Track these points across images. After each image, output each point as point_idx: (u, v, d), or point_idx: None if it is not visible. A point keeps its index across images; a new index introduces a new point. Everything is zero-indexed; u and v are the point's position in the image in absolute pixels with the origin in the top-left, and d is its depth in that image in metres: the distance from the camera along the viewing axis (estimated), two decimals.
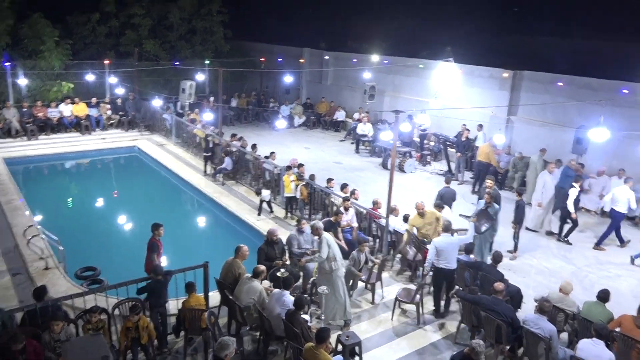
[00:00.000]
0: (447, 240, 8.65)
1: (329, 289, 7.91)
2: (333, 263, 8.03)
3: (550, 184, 12.09)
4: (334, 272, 8.06)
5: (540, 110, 16.00)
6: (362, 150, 19.11)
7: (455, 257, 8.63)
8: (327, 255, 7.98)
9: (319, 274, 8.26)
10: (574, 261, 10.98)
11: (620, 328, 7.05)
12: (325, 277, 8.09)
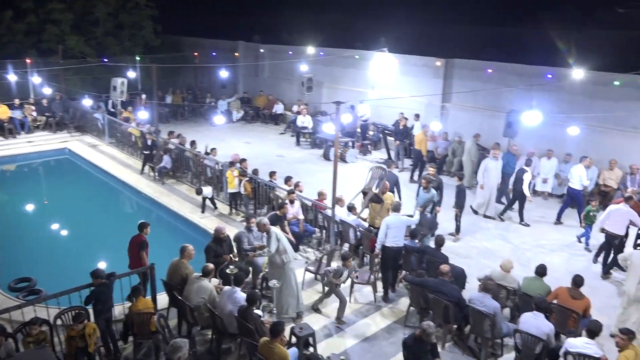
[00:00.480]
0: (397, 219, 8.97)
1: (281, 282, 7.90)
2: (284, 256, 8.02)
3: (494, 170, 12.35)
4: (286, 264, 8.06)
5: (472, 96, 16.57)
6: (303, 143, 19.13)
7: (402, 236, 8.90)
8: (276, 248, 7.95)
9: (270, 268, 8.22)
10: (512, 240, 11.51)
11: (557, 300, 7.48)
12: (277, 271, 8.07)
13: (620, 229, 9.61)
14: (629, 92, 13.68)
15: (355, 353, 7.57)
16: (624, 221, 9.58)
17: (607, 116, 13.39)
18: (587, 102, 14.15)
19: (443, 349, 7.64)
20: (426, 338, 6.25)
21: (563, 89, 14.44)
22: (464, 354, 7.61)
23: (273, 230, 8.13)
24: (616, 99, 13.88)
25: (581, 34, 23.18)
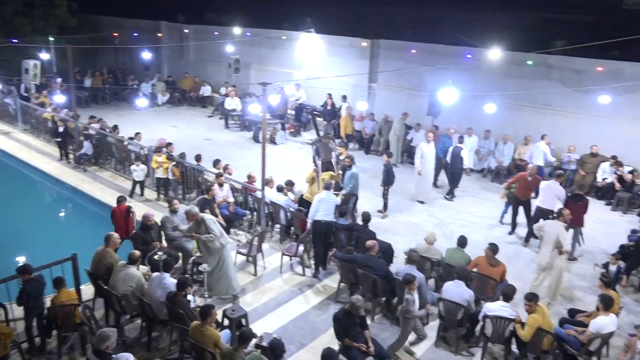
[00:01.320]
0: (327, 195, 9.30)
1: (219, 264, 7.97)
2: (222, 239, 8.04)
3: (430, 154, 12.29)
4: (225, 247, 8.09)
5: (398, 76, 16.98)
6: (231, 125, 18.88)
7: (332, 212, 9.14)
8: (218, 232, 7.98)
9: (205, 251, 8.12)
10: (436, 214, 12.02)
11: (477, 268, 7.93)
12: (217, 254, 8.05)
13: (551, 204, 9.95)
14: (541, 71, 14.53)
15: (288, 331, 7.69)
16: (554, 197, 10.00)
17: (522, 94, 14.18)
18: (504, 80, 14.90)
19: (373, 321, 7.92)
20: (355, 311, 6.46)
21: (481, 69, 15.09)
22: (393, 325, 7.91)
23: (205, 217, 8.06)
24: (530, 78, 14.71)
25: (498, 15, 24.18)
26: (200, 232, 7.98)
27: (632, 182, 12.56)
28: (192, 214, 8.06)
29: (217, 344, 5.98)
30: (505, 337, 6.94)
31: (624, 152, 12.85)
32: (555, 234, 8.06)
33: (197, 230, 7.99)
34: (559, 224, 8.23)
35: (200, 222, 7.97)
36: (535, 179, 10.46)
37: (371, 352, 6.53)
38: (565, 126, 14.02)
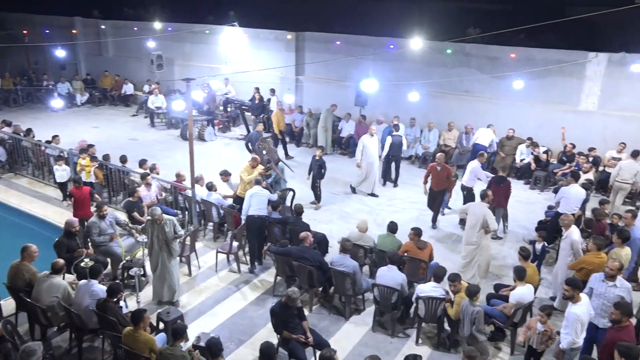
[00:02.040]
0: (259, 189, 9.27)
1: (165, 267, 7.89)
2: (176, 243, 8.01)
3: (372, 147, 12.28)
4: (176, 252, 8.06)
5: (325, 68, 17.12)
6: (157, 124, 18.33)
7: (265, 207, 9.10)
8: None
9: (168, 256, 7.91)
10: (368, 202, 12.26)
11: (408, 252, 8.17)
12: (171, 259, 7.92)
13: (471, 183, 10.78)
14: (460, 59, 15.12)
15: (226, 328, 7.61)
16: (474, 176, 10.71)
17: (443, 82, 14.71)
18: (426, 69, 15.37)
19: (311, 312, 8.00)
20: (292, 303, 6.49)
21: (404, 58, 15.50)
22: (331, 314, 8.03)
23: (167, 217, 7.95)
24: (450, 66, 15.27)
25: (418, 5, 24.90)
26: (168, 234, 7.77)
27: (547, 162, 13.39)
28: (157, 217, 7.78)
29: (153, 349, 5.83)
30: (438, 317, 7.21)
31: (538, 133, 13.66)
32: (481, 215, 8.44)
33: (160, 232, 7.77)
34: (483, 205, 8.63)
35: (168, 223, 7.81)
36: (444, 168, 10.62)
37: (310, 342, 6.59)
38: (484, 111, 14.68)
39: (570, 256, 7.85)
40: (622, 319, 5.66)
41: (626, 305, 5.80)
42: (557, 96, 13.90)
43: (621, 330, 5.65)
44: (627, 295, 6.29)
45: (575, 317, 5.92)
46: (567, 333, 6.00)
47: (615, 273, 6.32)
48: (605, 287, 6.37)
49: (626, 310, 5.69)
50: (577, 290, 6.06)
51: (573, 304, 6.01)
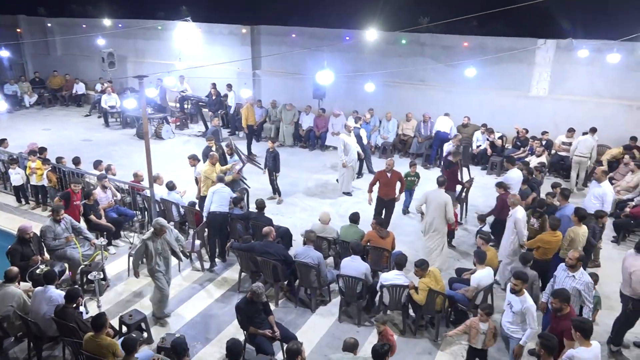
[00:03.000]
0: (221, 186, 9.21)
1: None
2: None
3: (352, 144, 11.95)
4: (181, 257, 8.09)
5: (281, 61, 17.04)
6: (112, 123, 17.87)
7: (227, 204, 9.04)
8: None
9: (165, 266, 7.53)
10: (331, 195, 12.30)
11: (370, 242, 8.25)
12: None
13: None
14: (414, 49, 15.32)
15: (192, 328, 7.51)
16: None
17: (399, 72, 14.87)
18: (382, 60, 15.51)
19: (277, 306, 7.98)
20: (257, 298, 6.45)
21: (360, 50, 15.60)
22: (297, 307, 8.03)
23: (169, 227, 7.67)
24: (405, 56, 15.45)
25: None
26: (170, 242, 7.53)
27: (502, 147, 13.74)
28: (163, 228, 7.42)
29: (115, 353, 5.69)
30: (403, 303, 7.32)
31: (493, 120, 14.00)
32: (442, 202, 8.62)
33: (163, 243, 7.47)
34: (441, 191, 8.79)
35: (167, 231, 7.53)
36: (395, 174, 9.92)
37: (277, 336, 6.58)
38: (440, 100, 14.94)
39: (514, 234, 8.12)
40: (562, 307, 5.65)
41: (562, 292, 5.79)
42: (509, 83, 14.27)
43: (565, 318, 5.63)
44: (585, 290, 6.24)
45: (533, 308, 5.91)
46: (527, 327, 5.92)
47: (574, 263, 6.29)
48: (565, 276, 6.41)
49: (564, 297, 5.67)
50: (526, 284, 6.12)
51: (518, 297, 5.94)
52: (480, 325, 6.11)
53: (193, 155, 10.90)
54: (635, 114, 13.00)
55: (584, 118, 13.13)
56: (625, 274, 6.69)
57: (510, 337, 6.15)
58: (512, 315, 6.04)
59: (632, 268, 6.54)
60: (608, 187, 9.05)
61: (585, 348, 5.14)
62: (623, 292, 6.78)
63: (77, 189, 9.31)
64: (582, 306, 6.36)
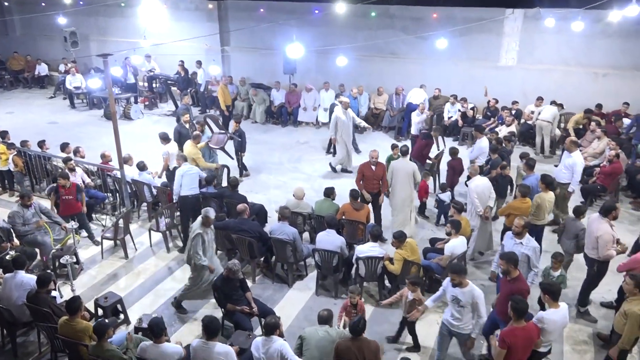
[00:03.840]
0: (189, 168, 8.92)
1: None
2: None
3: (346, 121, 11.62)
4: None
5: (250, 37, 16.73)
6: (78, 105, 17.40)
7: (197, 185, 8.84)
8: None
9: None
10: (305, 170, 12.29)
11: (345, 214, 8.29)
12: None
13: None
14: (384, 21, 15.21)
15: (170, 308, 7.49)
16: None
17: (370, 45, 14.77)
18: (352, 33, 15.38)
19: (254, 282, 8.01)
20: (233, 276, 6.45)
21: (330, 23, 15.40)
22: (274, 283, 8.07)
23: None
24: (375, 29, 15.35)
25: None
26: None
27: (473, 118, 13.88)
28: (210, 218, 7.10)
29: (92, 336, 5.64)
30: (378, 275, 7.42)
31: (463, 91, 14.10)
32: (410, 169, 8.77)
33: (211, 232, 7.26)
34: (406, 160, 8.92)
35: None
36: (380, 166, 9.16)
37: (255, 312, 6.62)
38: (412, 72, 14.95)
39: (471, 205, 8.33)
40: (509, 269, 5.69)
41: (510, 254, 5.83)
42: (479, 53, 14.33)
43: (514, 282, 5.70)
44: (533, 255, 6.31)
45: (482, 295, 5.61)
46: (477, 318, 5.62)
47: (520, 230, 6.37)
48: (513, 244, 6.48)
49: (511, 259, 5.72)
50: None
51: (462, 289, 5.58)
52: (408, 295, 6.26)
53: (164, 135, 10.64)
54: (600, 82, 13.25)
55: (552, 86, 13.33)
56: (591, 238, 6.87)
57: (457, 335, 5.74)
58: (459, 309, 5.59)
59: (599, 232, 6.72)
60: (578, 157, 9.21)
61: (554, 309, 5.31)
62: (589, 255, 6.98)
63: (67, 184, 8.68)
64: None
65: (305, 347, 5.43)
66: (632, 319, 5.25)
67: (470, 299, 5.51)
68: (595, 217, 6.99)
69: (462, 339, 5.75)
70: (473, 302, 5.51)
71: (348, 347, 5.20)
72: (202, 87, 16.43)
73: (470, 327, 5.62)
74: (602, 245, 6.69)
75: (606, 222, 6.80)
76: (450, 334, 5.81)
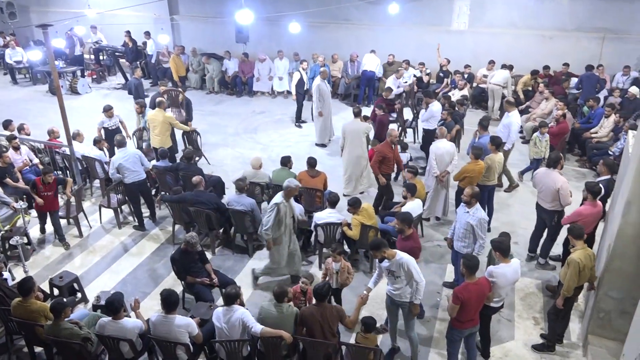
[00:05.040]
0: (124, 155, 8.25)
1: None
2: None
3: (327, 92, 11.51)
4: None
5: (200, 5, 16.26)
6: (20, 80, 16.62)
7: (140, 167, 8.33)
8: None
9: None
10: (261, 140, 12.20)
11: (301, 182, 8.27)
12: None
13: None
14: None
15: (128, 283, 7.40)
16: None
17: (322, 11, 14.57)
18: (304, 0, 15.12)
19: (214, 254, 7.99)
20: (191, 248, 6.41)
21: None
22: (235, 253, 8.07)
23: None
24: None
25: None
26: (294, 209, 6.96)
27: (427, 83, 14.02)
28: (295, 188, 6.82)
29: (47, 316, 5.53)
30: (337, 240, 7.51)
31: (417, 56, 14.18)
32: (361, 130, 8.97)
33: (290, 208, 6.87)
34: (357, 121, 9.04)
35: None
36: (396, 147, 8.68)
37: (215, 283, 6.62)
38: (365, 38, 14.91)
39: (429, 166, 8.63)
40: (404, 228, 5.91)
41: (404, 215, 6.05)
42: (431, 18, 14.39)
43: (408, 239, 5.92)
44: (478, 225, 6.27)
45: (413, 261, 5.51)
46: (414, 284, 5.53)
47: (468, 199, 6.38)
48: (463, 212, 6.51)
49: (405, 219, 5.94)
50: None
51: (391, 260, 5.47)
52: (333, 265, 6.33)
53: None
54: (548, 44, 13.56)
55: (502, 49, 13.58)
56: (550, 191, 6.99)
57: (401, 305, 5.67)
58: (396, 280, 5.52)
59: (558, 183, 6.91)
60: (515, 117, 9.49)
61: (504, 264, 5.53)
62: (548, 209, 7.13)
63: (49, 179, 7.92)
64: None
65: (263, 322, 5.41)
66: (572, 266, 5.53)
67: (401, 267, 5.40)
68: (545, 172, 7.22)
69: (405, 308, 5.65)
70: (406, 270, 5.39)
71: (312, 313, 5.29)
72: (153, 58, 15.92)
73: (409, 295, 5.52)
74: (564, 194, 6.94)
75: (557, 172, 7.08)
76: (394, 304, 5.75)
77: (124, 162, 8.17)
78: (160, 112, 9.76)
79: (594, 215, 6.56)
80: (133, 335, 5.33)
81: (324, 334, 5.28)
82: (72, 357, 5.42)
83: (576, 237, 5.69)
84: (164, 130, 9.80)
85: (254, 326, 5.19)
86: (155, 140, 9.87)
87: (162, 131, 9.77)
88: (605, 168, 7.22)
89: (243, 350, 5.32)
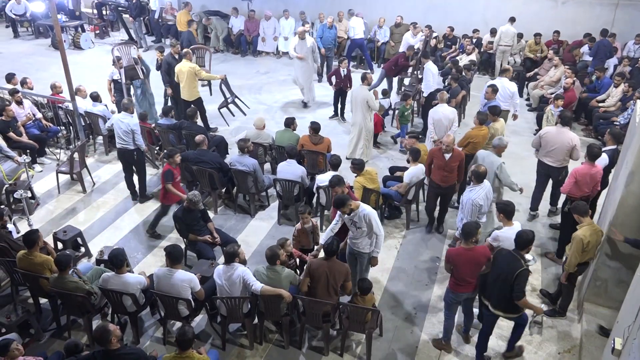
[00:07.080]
0: (120, 119, 7.90)
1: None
2: None
3: (299, 51, 11.40)
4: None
5: None
6: (23, 33, 16.39)
7: (130, 139, 7.89)
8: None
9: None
10: (265, 101, 12.11)
11: (304, 146, 8.28)
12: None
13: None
14: None
15: (131, 240, 7.47)
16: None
17: None
18: None
19: (216, 213, 8.04)
20: (194, 207, 6.45)
21: None
22: (237, 213, 8.12)
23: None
24: None
25: None
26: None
27: (435, 47, 13.77)
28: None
29: (51, 269, 5.63)
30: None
31: (426, 18, 13.88)
32: (364, 98, 8.83)
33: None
34: (363, 87, 8.93)
35: None
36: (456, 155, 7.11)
37: (217, 241, 6.68)
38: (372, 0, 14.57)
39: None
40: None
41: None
42: None
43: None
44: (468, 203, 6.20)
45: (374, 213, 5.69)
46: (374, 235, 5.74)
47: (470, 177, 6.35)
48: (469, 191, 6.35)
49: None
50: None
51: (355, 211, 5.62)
52: (305, 228, 6.41)
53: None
54: (560, 9, 13.26)
55: (512, 13, 13.26)
56: (561, 149, 7.16)
57: (358, 255, 5.88)
58: (357, 230, 5.68)
59: (574, 140, 7.12)
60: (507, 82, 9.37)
61: (508, 227, 5.57)
62: (557, 166, 7.30)
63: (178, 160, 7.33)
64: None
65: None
66: (575, 243, 5.52)
67: (363, 219, 5.55)
68: (557, 130, 7.23)
69: (362, 260, 5.89)
70: (367, 222, 5.55)
71: (320, 265, 5.38)
72: (157, 14, 15.64)
73: (368, 247, 5.77)
74: (579, 149, 7.17)
75: (569, 130, 7.26)
76: (352, 254, 5.96)
77: (117, 127, 7.86)
78: (185, 63, 9.67)
79: (591, 176, 6.45)
80: (136, 290, 5.42)
81: (327, 287, 5.37)
82: (76, 309, 5.54)
83: (581, 214, 5.65)
84: (190, 81, 9.71)
85: (254, 284, 5.27)
86: (183, 92, 9.81)
87: (187, 82, 9.69)
88: (612, 138, 7.16)
89: (243, 307, 5.42)
